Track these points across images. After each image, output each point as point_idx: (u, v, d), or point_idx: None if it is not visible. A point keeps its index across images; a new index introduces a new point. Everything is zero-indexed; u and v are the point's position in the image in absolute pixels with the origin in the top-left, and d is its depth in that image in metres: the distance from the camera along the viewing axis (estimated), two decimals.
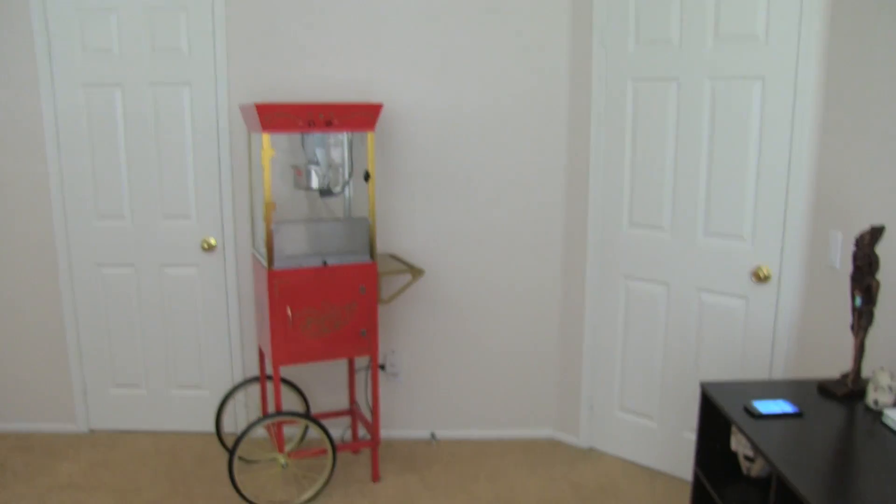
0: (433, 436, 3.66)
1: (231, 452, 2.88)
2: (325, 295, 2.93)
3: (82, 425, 3.68)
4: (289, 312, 2.88)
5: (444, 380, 3.61)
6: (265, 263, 2.89)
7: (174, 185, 3.51)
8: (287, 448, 3.47)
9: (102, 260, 3.58)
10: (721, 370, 3.04)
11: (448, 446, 3.57)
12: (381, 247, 3.49)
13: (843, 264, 2.51)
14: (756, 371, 2.94)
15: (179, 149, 3.47)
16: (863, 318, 2.04)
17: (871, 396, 1.98)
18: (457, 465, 3.37)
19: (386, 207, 3.45)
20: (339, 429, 3.67)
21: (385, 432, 3.66)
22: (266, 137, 2.79)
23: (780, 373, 2.88)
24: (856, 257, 2.04)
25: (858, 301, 2.04)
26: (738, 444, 2.10)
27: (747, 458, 2.08)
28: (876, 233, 1.99)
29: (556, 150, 3.40)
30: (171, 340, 3.64)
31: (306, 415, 2.97)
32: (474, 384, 3.62)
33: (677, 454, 3.24)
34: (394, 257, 3.40)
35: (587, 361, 3.48)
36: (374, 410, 3.15)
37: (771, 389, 2.15)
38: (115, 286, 3.60)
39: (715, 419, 2.19)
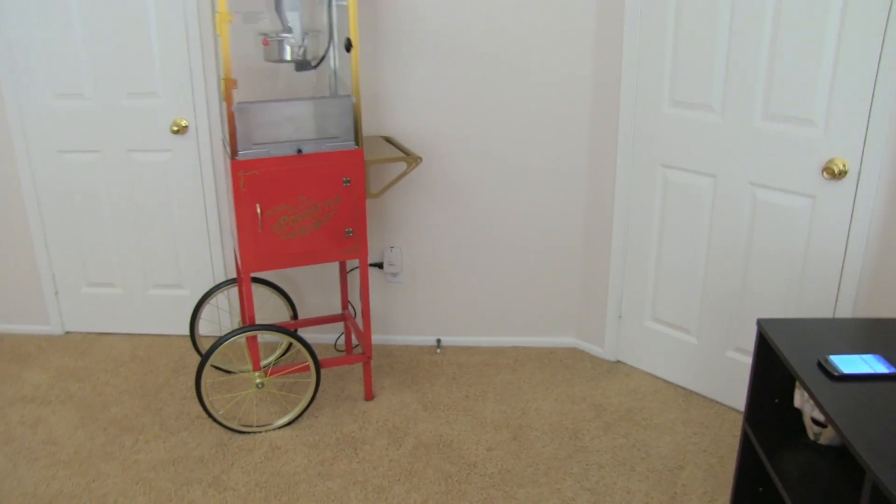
0: (438, 343, 3.27)
1: (198, 374, 2.51)
2: (301, 189, 2.45)
3: (56, 327, 3.36)
4: (258, 210, 2.42)
5: (451, 280, 3.17)
6: (228, 151, 2.41)
7: (137, 57, 2.99)
8: (270, 359, 3.12)
9: (64, 146, 3.12)
10: (776, 285, 2.54)
11: (455, 355, 3.18)
12: (375, 128, 2.96)
13: None
14: (820, 292, 2.43)
15: (140, 12, 2.92)
16: None
17: None
18: (463, 379, 2.99)
19: (380, 80, 2.89)
20: (335, 334, 3.29)
21: (384, 338, 3.27)
22: None
23: (850, 296, 2.36)
24: None
25: None
26: (806, 402, 1.63)
27: (816, 423, 1.61)
28: None
29: (583, 9, 2.77)
30: (145, 235, 3.23)
31: (280, 328, 2.56)
32: (486, 285, 3.17)
33: (718, 375, 2.80)
34: (389, 140, 2.88)
35: (616, 263, 2.99)
36: (366, 322, 2.74)
37: (851, 333, 1.65)
38: (79, 174, 3.16)
39: (773, 365, 1.72)
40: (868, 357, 1.53)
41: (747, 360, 2.69)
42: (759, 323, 1.70)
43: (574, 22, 2.77)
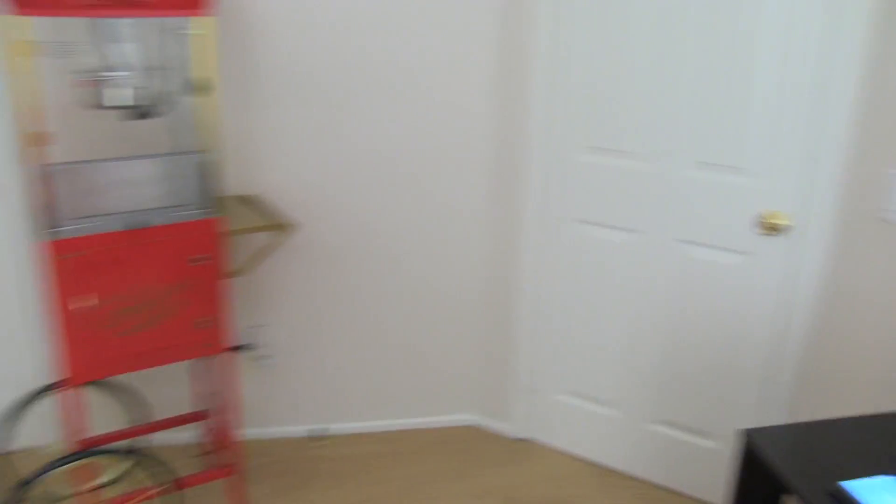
0: (319, 432, 2.77)
1: None
2: (141, 272, 1.91)
3: None
4: (78, 304, 1.85)
5: (335, 358, 2.68)
6: (38, 227, 1.83)
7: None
8: (109, 478, 2.50)
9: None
10: (708, 351, 2.25)
11: (344, 445, 2.69)
12: (241, 186, 2.44)
13: None
14: (758, 358, 2.16)
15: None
16: None
17: None
18: (355, 476, 2.51)
19: (247, 129, 2.38)
20: (198, 431, 2.72)
21: (260, 431, 2.73)
22: (22, 23, 1.67)
23: (792, 362, 2.10)
24: None
25: None
26: None
27: None
28: None
29: (484, 49, 2.40)
30: None
31: (122, 449, 1.99)
32: (375, 361, 2.71)
33: (644, 451, 2.48)
34: (257, 202, 2.37)
35: (524, 330, 2.62)
36: (231, 427, 2.20)
37: (852, 441, 1.34)
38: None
39: (759, 479, 1.38)
40: (885, 480, 1.23)
41: (675, 434, 2.39)
42: (749, 435, 1.36)
43: (475, 64, 2.40)
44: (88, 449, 1.95)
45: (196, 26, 1.86)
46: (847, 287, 1.93)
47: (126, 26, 1.93)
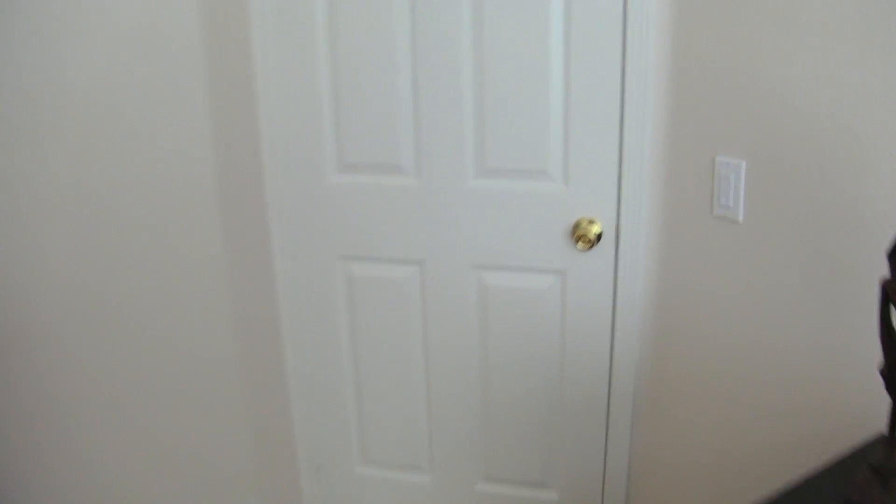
0: None
1: None
2: None
3: None
4: None
5: (56, 460, 1.89)
6: None
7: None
8: None
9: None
10: (528, 389, 1.84)
11: None
12: None
13: (752, 214, 1.38)
14: (586, 389, 1.79)
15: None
16: None
17: None
18: None
19: None
20: None
21: None
22: None
23: (626, 390, 1.75)
24: None
25: None
26: None
27: None
28: None
29: (192, 71, 1.71)
30: None
31: None
32: (121, 460, 1.96)
33: None
34: None
35: (297, 398, 2.03)
36: None
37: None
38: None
39: None
40: None
41: (507, 491, 1.97)
42: None
43: (180, 80, 1.70)
44: None
45: None
46: (681, 297, 1.60)
47: None
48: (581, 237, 1.62)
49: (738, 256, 1.44)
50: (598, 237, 1.64)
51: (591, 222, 1.64)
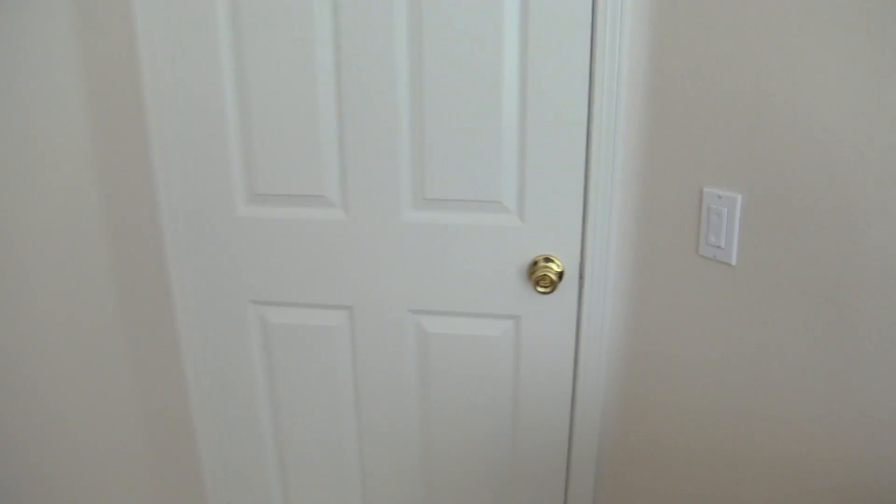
0: None
1: None
2: None
3: None
4: None
5: None
6: None
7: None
8: None
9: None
10: (475, 448, 1.58)
11: None
12: None
13: (748, 257, 1.15)
14: (543, 444, 1.54)
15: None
16: None
17: None
18: None
19: None
20: None
21: None
22: None
23: (588, 449, 1.51)
24: None
25: None
26: None
27: None
28: None
29: (71, 103, 1.37)
30: None
31: None
32: None
33: None
34: None
35: (209, 463, 1.71)
36: None
37: None
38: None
39: None
40: None
41: None
42: None
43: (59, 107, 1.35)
44: None
45: None
46: (656, 350, 1.36)
47: None
48: (541, 279, 1.36)
49: (730, 306, 1.21)
50: (561, 276, 1.39)
51: (548, 260, 1.38)
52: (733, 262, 1.19)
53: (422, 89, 1.32)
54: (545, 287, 1.36)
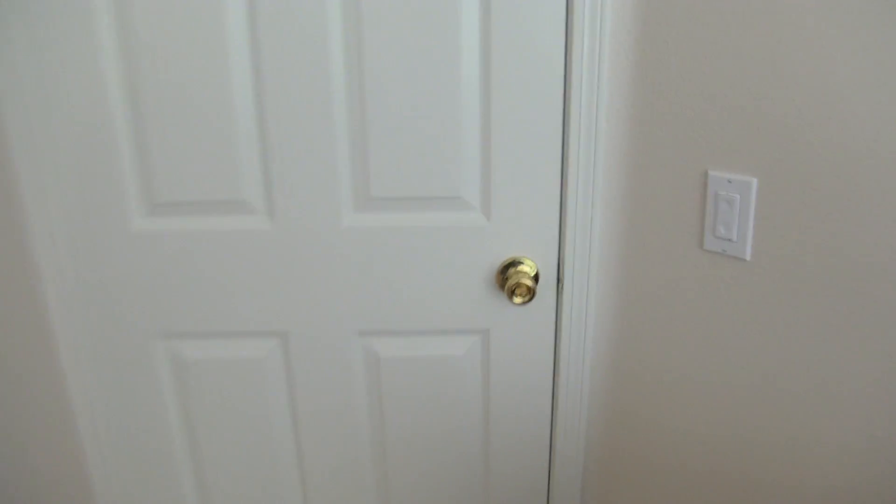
0: None
1: None
2: None
3: None
4: None
5: None
6: None
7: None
8: None
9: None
10: (437, 489, 1.36)
11: None
12: None
13: (765, 251, 0.97)
14: (521, 477, 1.34)
15: None
16: None
17: None
18: None
19: None
20: None
21: None
22: None
23: (575, 473, 1.32)
24: None
25: None
26: None
27: None
28: None
29: None
30: None
31: None
32: None
33: None
34: None
35: None
36: None
37: None
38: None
39: None
40: None
41: None
42: None
43: None
44: None
45: None
46: (651, 362, 1.17)
47: None
48: (516, 287, 1.14)
49: (743, 307, 1.03)
50: (536, 280, 1.18)
51: (520, 263, 1.17)
52: (747, 257, 1.00)
53: (361, 64, 1.07)
54: (522, 297, 1.14)
